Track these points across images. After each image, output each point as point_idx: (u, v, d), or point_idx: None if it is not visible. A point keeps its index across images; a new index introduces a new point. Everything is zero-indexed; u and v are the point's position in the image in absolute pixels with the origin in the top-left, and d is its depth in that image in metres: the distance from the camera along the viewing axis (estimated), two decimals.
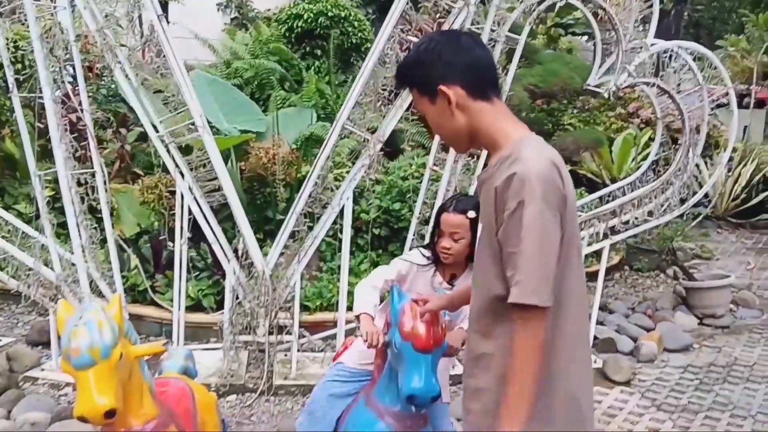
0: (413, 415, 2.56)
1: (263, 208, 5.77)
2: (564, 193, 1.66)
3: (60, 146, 3.86)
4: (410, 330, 2.36)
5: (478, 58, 1.81)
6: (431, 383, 2.35)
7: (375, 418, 2.59)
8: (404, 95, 4.04)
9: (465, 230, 2.57)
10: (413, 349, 2.36)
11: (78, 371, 2.16)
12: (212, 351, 4.36)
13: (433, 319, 2.39)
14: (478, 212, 2.32)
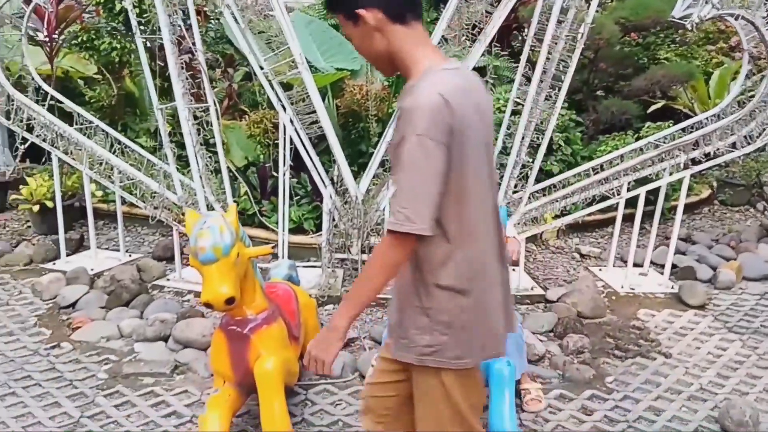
0: None
1: (357, 143, 6.16)
2: (451, 126, 1.73)
3: (178, 83, 4.35)
4: None
5: None
6: None
7: None
8: (487, 30, 4.28)
9: None
10: None
11: (203, 266, 2.64)
12: (312, 268, 4.84)
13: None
14: None
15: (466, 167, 1.82)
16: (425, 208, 1.73)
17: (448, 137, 1.74)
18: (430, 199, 1.74)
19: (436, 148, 1.72)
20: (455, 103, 1.75)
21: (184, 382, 3.49)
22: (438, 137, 1.72)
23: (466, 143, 1.80)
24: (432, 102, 1.72)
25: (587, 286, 4.65)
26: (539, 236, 5.86)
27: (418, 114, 1.72)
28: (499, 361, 2.89)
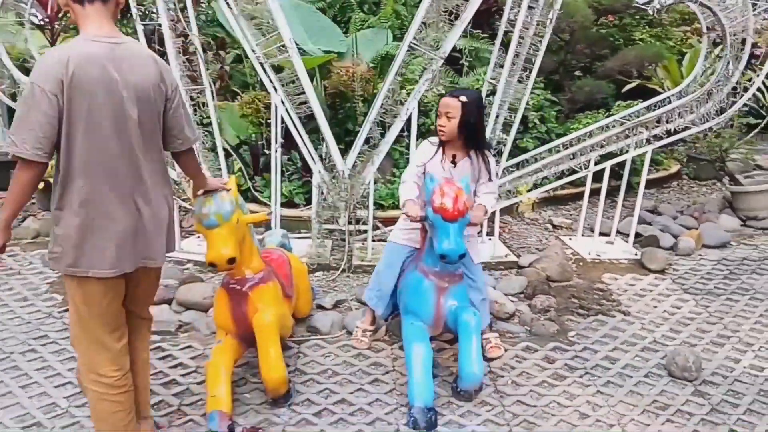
0: (450, 273, 3.33)
1: (344, 122, 6.49)
2: (64, 80, 2.24)
3: (176, 66, 4.67)
4: (439, 205, 3.10)
5: None
6: (458, 244, 3.09)
7: (421, 276, 3.37)
8: (463, 17, 4.61)
9: (456, 111, 3.35)
10: (442, 220, 3.10)
11: (208, 230, 3.00)
12: (303, 239, 5.21)
13: (456, 196, 3.10)
14: (469, 98, 3.14)
15: (84, 116, 2.30)
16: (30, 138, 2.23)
17: (58, 90, 2.24)
18: (33, 132, 2.24)
19: (44, 96, 2.23)
20: (75, 66, 2.26)
21: (188, 339, 3.87)
22: (49, 88, 2.23)
23: (83, 95, 2.28)
24: (50, 61, 2.29)
25: (556, 253, 5.05)
26: (515, 209, 6.25)
27: (36, 67, 2.31)
28: (466, 312, 3.27)
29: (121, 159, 2.40)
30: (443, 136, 3.43)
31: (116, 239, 2.42)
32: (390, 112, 4.79)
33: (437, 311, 3.31)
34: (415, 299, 3.36)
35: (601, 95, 7.32)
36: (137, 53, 2.43)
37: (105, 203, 2.39)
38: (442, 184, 3.15)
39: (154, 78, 2.46)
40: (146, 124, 2.45)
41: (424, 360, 3.18)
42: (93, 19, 2.37)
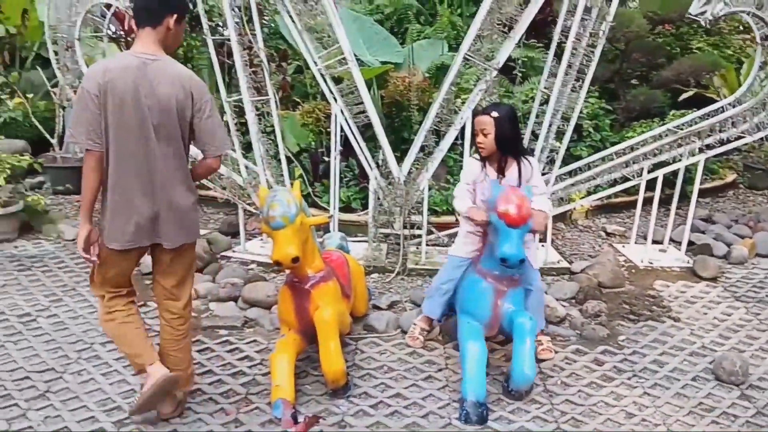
0: (509, 277, 3.47)
1: (400, 130, 6.70)
2: (102, 87, 2.74)
3: (243, 78, 4.95)
4: (504, 210, 3.25)
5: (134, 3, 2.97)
6: (519, 249, 3.24)
7: (480, 279, 3.53)
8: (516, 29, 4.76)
9: (490, 126, 3.55)
10: (505, 225, 3.25)
11: (274, 231, 3.23)
12: (360, 243, 5.42)
13: (520, 202, 3.26)
14: (500, 113, 3.33)
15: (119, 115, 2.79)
16: (83, 131, 2.78)
17: (98, 92, 2.76)
18: (83, 125, 2.78)
19: (89, 96, 2.77)
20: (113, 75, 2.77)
21: (253, 334, 4.12)
22: (92, 90, 2.76)
23: (116, 97, 2.77)
24: (95, 69, 2.86)
25: (608, 260, 5.13)
26: (568, 216, 6.34)
27: (86, 74, 2.89)
28: (522, 315, 3.41)
29: (141, 155, 2.87)
30: (483, 152, 3.62)
31: (135, 220, 2.90)
32: (444, 120, 4.98)
33: (494, 313, 3.47)
34: (473, 300, 3.53)
35: (657, 104, 7.33)
36: (165, 70, 2.86)
37: (128, 190, 2.88)
38: (507, 191, 3.31)
39: (178, 92, 2.86)
40: (165, 130, 2.88)
41: (478, 357, 3.34)
42: (142, 39, 2.89)
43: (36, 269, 5.11)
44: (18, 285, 4.80)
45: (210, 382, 3.58)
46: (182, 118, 2.91)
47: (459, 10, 8.54)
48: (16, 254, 5.41)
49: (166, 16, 2.88)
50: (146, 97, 2.81)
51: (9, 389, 3.46)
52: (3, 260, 5.26)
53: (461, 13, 8.48)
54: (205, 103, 2.94)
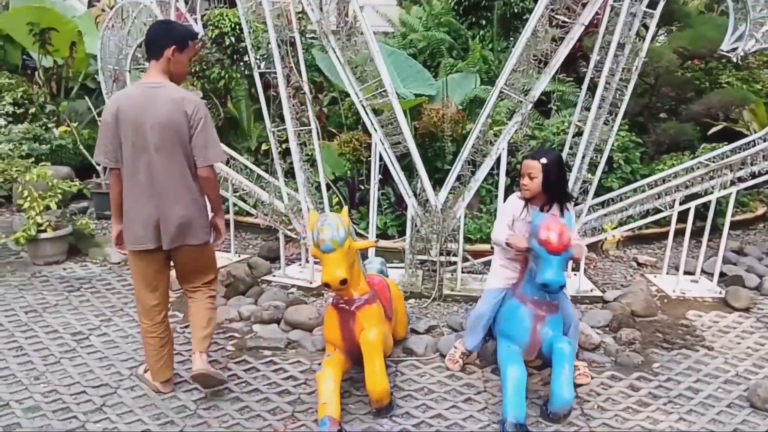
0: (548, 302, 3.60)
1: (433, 160, 6.87)
2: (114, 114, 3.32)
3: (287, 109, 5.16)
4: (545, 238, 3.39)
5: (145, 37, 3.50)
6: (560, 275, 3.37)
7: (520, 303, 3.66)
8: (552, 63, 4.94)
9: (537, 171, 3.70)
10: (547, 252, 3.38)
11: (324, 254, 3.39)
12: (396, 269, 5.55)
13: (561, 231, 3.39)
14: (549, 160, 3.49)
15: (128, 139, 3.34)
16: (102, 152, 3.42)
17: (112, 120, 3.34)
18: (104, 145, 3.41)
19: (107, 124, 3.36)
20: (124, 104, 3.33)
21: (296, 355, 4.26)
22: (108, 118, 3.36)
23: (127, 124, 3.31)
24: (110, 101, 3.46)
25: (641, 289, 5.21)
26: (600, 246, 6.43)
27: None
28: (561, 340, 3.53)
29: (144, 168, 3.38)
30: (527, 194, 3.76)
31: (142, 224, 3.43)
32: (480, 151, 5.14)
33: (533, 337, 3.59)
34: (513, 324, 3.66)
35: (687, 138, 7.43)
36: (164, 95, 3.34)
37: (135, 199, 3.43)
38: (548, 220, 3.46)
39: (174, 113, 3.31)
40: (165, 146, 3.35)
41: (518, 379, 3.45)
42: (149, 70, 3.46)
43: (85, 290, 5.32)
44: (69, 305, 5.00)
45: (257, 400, 3.73)
46: (181, 135, 3.36)
47: (490, 45, 8.76)
48: (65, 276, 5.64)
49: (166, 49, 3.40)
50: (147, 119, 3.30)
51: (68, 402, 3.63)
52: (54, 281, 5.49)
53: (492, 48, 8.70)
54: (198, 120, 3.37)
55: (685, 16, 7.80)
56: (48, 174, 6.00)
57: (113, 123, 3.34)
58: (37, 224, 5.74)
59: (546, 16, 4.92)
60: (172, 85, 3.42)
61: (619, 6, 4.90)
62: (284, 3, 5.21)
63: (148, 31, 3.52)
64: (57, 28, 8.70)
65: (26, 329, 4.56)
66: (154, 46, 3.42)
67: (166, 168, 3.37)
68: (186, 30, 3.61)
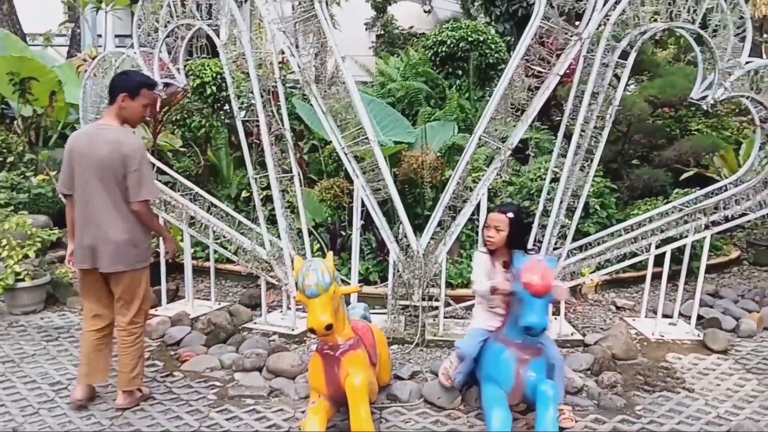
0: (531, 346, 3.64)
1: (413, 207, 6.93)
2: (71, 148, 3.86)
3: (270, 156, 5.21)
4: (528, 281, 3.44)
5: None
6: (543, 318, 3.42)
7: (503, 347, 3.69)
8: (528, 112, 5.07)
9: (504, 224, 3.84)
10: (530, 295, 3.44)
11: (309, 299, 3.41)
12: (379, 315, 5.55)
13: (544, 274, 3.45)
14: (515, 214, 3.60)
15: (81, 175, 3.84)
16: (62, 183, 3.96)
17: (69, 159, 3.87)
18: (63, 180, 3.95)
19: (65, 165, 3.90)
20: (78, 143, 3.87)
21: (279, 403, 4.22)
22: (66, 158, 3.90)
23: (80, 163, 3.82)
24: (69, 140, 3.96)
25: (621, 332, 5.26)
26: (579, 290, 6.50)
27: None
28: (545, 383, 3.55)
29: (88, 198, 3.86)
30: (491, 246, 3.88)
31: (82, 246, 3.90)
32: (460, 197, 5.22)
33: (517, 381, 3.62)
34: (497, 368, 3.68)
35: (659, 183, 7.61)
36: (109, 136, 3.83)
37: (80, 223, 3.91)
38: (531, 262, 3.52)
39: (114, 153, 3.77)
40: (104, 181, 3.80)
41: (503, 422, 3.46)
42: (106, 113, 4.01)
43: (63, 339, 5.24)
44: (47, 354, 4.92)
45: None
46: (116, 173, 3.80)
47: (467, 94, 8.95)
48: (43, 325, 5.55)
49: (118, 95, 3.90)
50: (92, 155, 3.79)
51: None
52: (31, 331, 5.41)
53: (469, 97, 8.89)
54: (133, 161, 3.79)
55: (654, 66, 8.07)
56: (27, 222, 5.96)
57: (68, 156, 3.88)
58: (15, 273, 5.67)
59: (522, 66, 5.09)
60: (117, 128, 3.91)
61: (592, 57, 5.08)
62: (266, 53, 5.33)
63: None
64: (37, 77, 8.74)
65: (3, 379, 4.47)
66: (111, 93, 3.96)
67: (103, 198, 3.83)
68: (141, 80, 4.05)
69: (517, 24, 11.50)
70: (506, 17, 11.57)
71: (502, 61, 9.06)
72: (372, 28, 17.96)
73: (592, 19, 4.99)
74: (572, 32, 5.02)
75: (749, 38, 5.05)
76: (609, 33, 5.03)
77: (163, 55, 5.49)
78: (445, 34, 9.18)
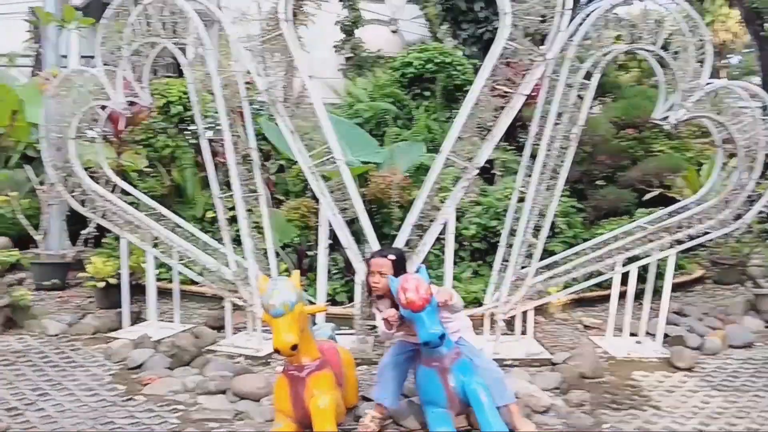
0: (447, 354, 3.69)
1: (381, 226, 6.91)
2: None
3: (236, 176, 5.16)
4: (404, 301, 3.48)
5: None
6: (433, 329, 3.44)
7: (424, 367, 3.76)
8: (494, 132, 5.11)
9: (387, 268, 3.90)
10: (412, 312, 3.46)
11: (274, 319, 3.36)
12: (346, 335, 5.49)
13: (416, 286, 3.47)
14: (396, 256, 3.60)
15: None
16: None
17: None
18: None
19: None
20: None
21: (244, 426, 4.12)
22: None
23: None
24: None
25: (588, 351, 5.28)
26: (546, 309, 6.52)
27: None
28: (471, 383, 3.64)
29: None
30: (378, 292, 3.95)
31: None
32: (427, 216, 5.22)
33: (448, 392, 3.69)
34: (427, 388, 3.77)
35: (624, 203, 7.72)
36: None
37: None
38: (400, 281, 3.57)
39: None
40: None
41: None
42: None
43: (21, 364, 5.08)
44: (3, 380, 4.76)
45: None
46: None
47: (434, 115, 9.02)
48: (1, 349, 5.38)
49: None
50: None
51: None
52: None
53: (436, 118, 8.95)
54: None
55: (617, 88, 8.24)
56: None
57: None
58: None
59: (488, 86, 5.13)
60: None
61: (557, 78, 5.15)
62: (231, 74, 5.29)
63: None
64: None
65: None
66: None
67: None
68: None
69: (484, 47, 11.59)
70: (473, 40, 11.67)
71: (469, 83, 9.08)
72: (341, 50, 18.01)
73: (556, 40, 5.06)
74: (537, 53, 5.09)
75: (709, 60, 5.16)
76: (573, 54, 5.11)
77: (128, 74, 5.43)
78: (412, 56, 9.27)
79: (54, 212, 7.61)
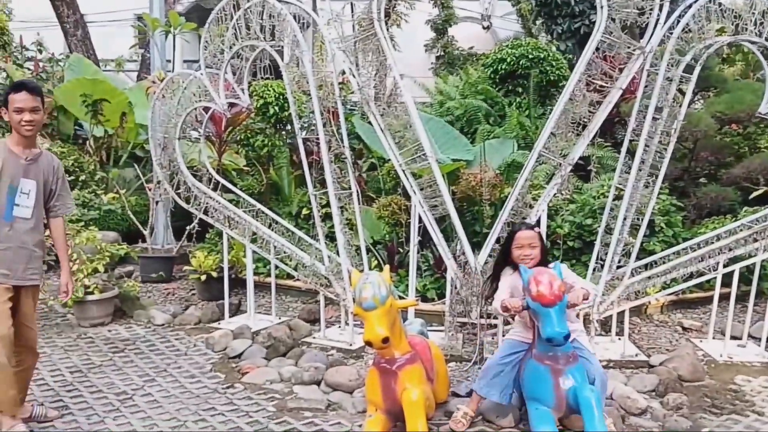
0: (564, 355, 3.61)
1: (471, 224, 6.90)
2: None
3: (330, 174, 5.30)
4: (536, 293, 3.42)
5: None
6: (561, 326, 3.38)
7: (537, 364, 3.67)
8: (590, 127, 5.01)
9: (536, 240, 3.92)
10: (541, 306, 3.40)
11: (365, 312, 3.44)
12: (436, 332, 5.54)
13: (550, 281, 3.41)
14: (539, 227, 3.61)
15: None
16: None
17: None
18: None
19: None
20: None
21: (336, 416, 4.24)
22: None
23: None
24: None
25: (687, 354, 5.09)
26: (644, 310, 6.34)
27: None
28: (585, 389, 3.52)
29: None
30: (532, 263, 3.87)
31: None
32: (519, 213, 5.18)
33: (557, 393, 3.58)
34: (535, 385, 3.66)
35: (728, 201, 7.38)
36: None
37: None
38: (535, 273, 3.50)
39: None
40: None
41: None
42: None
43: (129, 351, 5.41)
44: (113, 365, 5.09)
45: None
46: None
47: (527, 111, 8.89)
48: (110, 337, 5.75)
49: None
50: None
51: None
52: (99, 342, 5.60)
53: (529, 114, 8.82)
54: None
55: (721, 82, 7.87)
56: (96, 238, 6.20)
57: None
58: (84, 286, 5.89)
59: (584, 80, 5.04)
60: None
61: (656, 71, 4.99)
62: (327, 74, 5.44)
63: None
64: (109, 99, 9.11)
65: (71, 389, 4.64)
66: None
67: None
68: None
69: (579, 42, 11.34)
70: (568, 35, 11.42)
71: (564, 78, 8.97)
72: (432, 49, 18.04)
73: (655, 32, 4.91)
74: (635, 46, 4.95)
75: None
76: (672, 47, 4.95)
77: (228, 76, 5.66)
78: (505, 52, 9.17)
79: (160, 209, 8.03)
